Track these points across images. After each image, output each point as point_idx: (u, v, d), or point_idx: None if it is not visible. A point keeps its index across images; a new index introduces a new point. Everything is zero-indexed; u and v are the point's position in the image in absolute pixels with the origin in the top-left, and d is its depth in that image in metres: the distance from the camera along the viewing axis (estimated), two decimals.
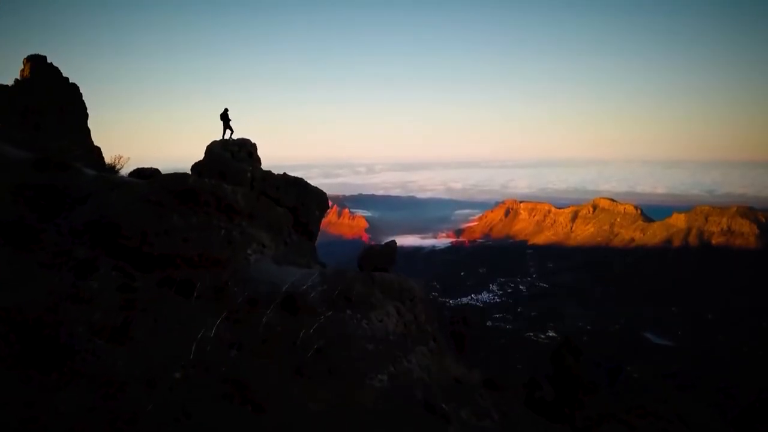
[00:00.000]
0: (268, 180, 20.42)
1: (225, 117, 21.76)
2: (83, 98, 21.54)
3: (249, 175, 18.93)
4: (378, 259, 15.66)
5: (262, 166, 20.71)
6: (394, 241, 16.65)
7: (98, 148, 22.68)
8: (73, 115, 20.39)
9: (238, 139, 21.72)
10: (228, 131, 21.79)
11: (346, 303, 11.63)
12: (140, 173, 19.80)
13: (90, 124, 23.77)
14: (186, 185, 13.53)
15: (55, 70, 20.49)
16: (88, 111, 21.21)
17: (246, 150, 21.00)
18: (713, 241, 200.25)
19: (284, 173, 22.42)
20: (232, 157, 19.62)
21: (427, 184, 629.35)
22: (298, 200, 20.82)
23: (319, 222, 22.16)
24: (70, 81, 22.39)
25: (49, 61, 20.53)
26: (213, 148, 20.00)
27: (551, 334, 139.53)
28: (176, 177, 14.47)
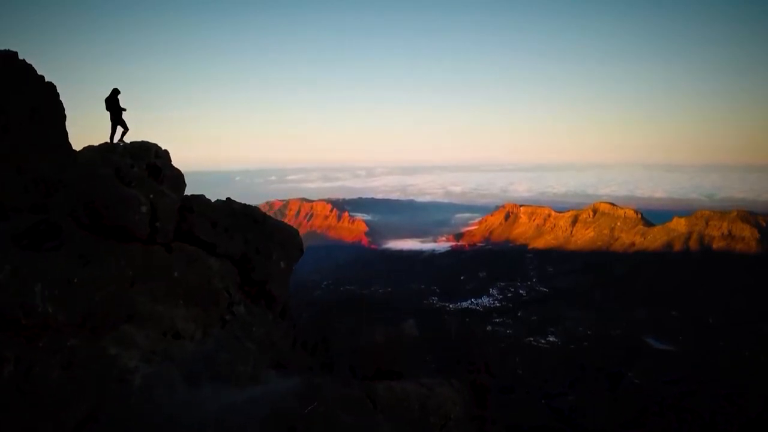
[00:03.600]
0: (195, 213, 12.69)
1: (113, 104, 13.50)
2: (60, 98, 19.48)
3: (145, 209, 10.93)
4: (383, 357, 9.16)
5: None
6: (410, 324, 9.56)
7: (75, 152, 19.64)
8: (48, 116, 19.06)
9: (133, 144, 13.09)
10: (119, 129, 13.48)
11: None
12: None
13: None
14: None
15: (29, 68, 19.20)
16: (66, 112, 19.52)
17: (146, 162, 12.29)
18: (714, 246, 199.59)
19: (228, 198, 14.36)
20: (116, 176, 11.34)
21: (427, 187, 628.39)
22: (249, 245, 13.32)
23: (287, 279, 14.63)
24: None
25: (21, 57, 18.64)
26: (84, 158, 12.23)
27: (551, 338, 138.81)
28: None
